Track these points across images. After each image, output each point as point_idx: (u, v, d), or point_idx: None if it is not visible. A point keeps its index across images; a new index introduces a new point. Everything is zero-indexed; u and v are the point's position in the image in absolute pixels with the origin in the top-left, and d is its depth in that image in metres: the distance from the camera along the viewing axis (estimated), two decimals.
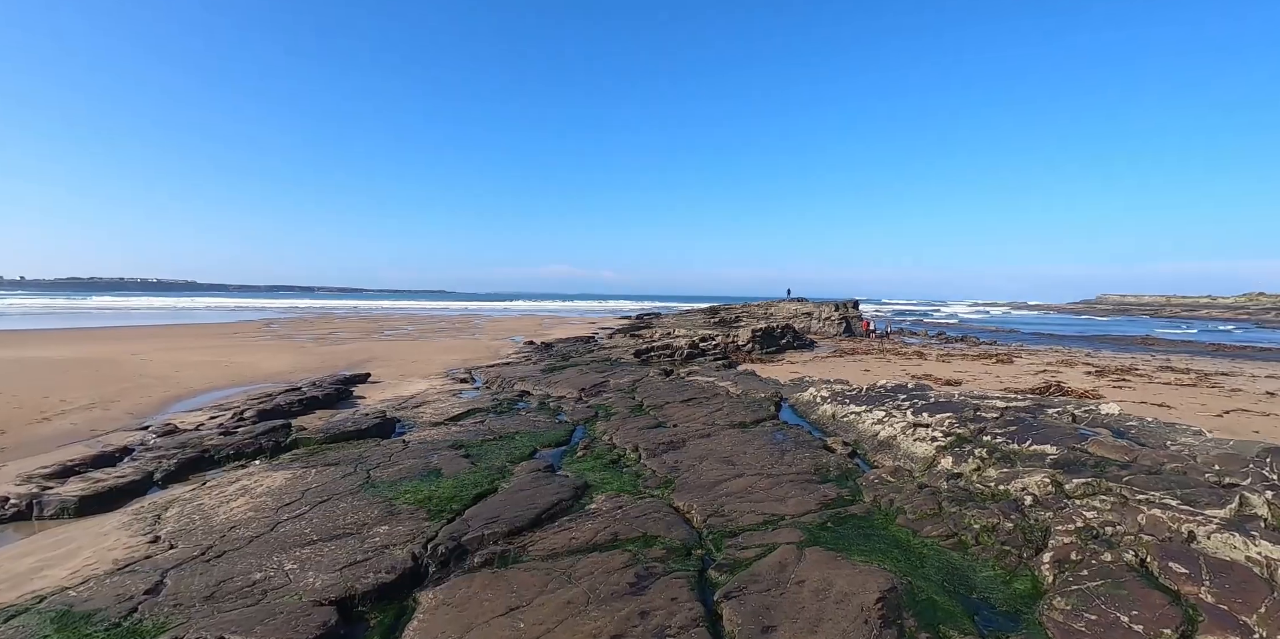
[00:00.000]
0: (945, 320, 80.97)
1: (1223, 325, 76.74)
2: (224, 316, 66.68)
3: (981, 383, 23.61)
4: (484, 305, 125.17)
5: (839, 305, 52.91)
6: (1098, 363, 31.83)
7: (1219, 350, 43.99)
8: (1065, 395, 21.14)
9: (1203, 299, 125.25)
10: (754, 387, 17.71)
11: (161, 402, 19.87)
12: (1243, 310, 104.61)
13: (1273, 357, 39.06)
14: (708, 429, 12.45)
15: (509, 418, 14.68)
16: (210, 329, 48.44)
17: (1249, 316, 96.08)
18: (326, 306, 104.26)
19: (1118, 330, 65.94)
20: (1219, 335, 60.74)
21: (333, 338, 42.48)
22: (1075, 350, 41.25)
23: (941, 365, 28.97)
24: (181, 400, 20.42)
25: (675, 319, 58.44)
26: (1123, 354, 39.79)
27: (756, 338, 34.26)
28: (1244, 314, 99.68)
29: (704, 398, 15.77)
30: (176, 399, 20.61)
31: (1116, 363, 32.12)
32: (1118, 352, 41.22)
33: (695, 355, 26.84)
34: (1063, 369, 28.29)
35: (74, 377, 23.25)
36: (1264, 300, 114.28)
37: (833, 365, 28.03)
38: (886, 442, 10.86)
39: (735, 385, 18.51)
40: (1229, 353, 42.39)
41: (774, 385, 18.30)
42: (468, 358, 31.08)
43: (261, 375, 25.25)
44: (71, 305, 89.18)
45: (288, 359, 29.83)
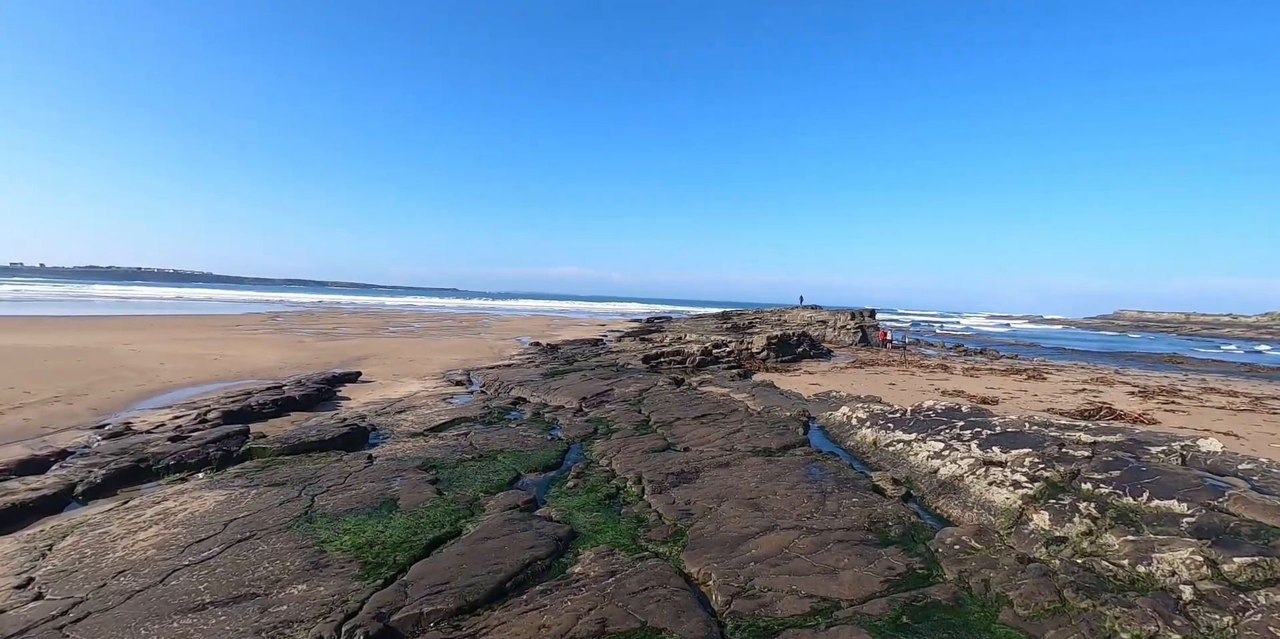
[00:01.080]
0: (961, 332, 78.23)
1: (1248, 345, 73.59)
2: (232, 308, 65.25)
3: (1019, 402, 21.33)
4: (494, 304, 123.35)
5: (855, 314, 50.63)
6: (1137, 382, 29.40)
7: (1253, 371, 41.45)
8: (1117, 419, 18.86)
9: (1224, 317, 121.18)
10: (775, 402, 15.50)
11: (132, 397, 17.99)
12: (1265, 330, 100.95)
13: None
14: (726, 456, 10.19)
15: (496, 431, 12.53)
16: (214, 320, 46.81)
17: (1272, 336, 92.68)
18: (336, 301, 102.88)
19: (1143, 347, 63.17)
20: (1249, 355, 57.85)
21: (335, 333, 40.64)
22: (1103, 367, 38.79)
23: (970, 381, 26.67)
24: (155, 396, 18.56)
25: (686, 323, 56.26)
26: (1153, 372, 37.35)
27: (772, 346, 32.04)
28: (1267, 333, 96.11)
29: (720, 414, 13.53)
30: (150, 394, 18.75)
31: (1155, 383, 29.69)
32: (1146, 369, 38.74)
33: (708, 363, 24.67)
34: (1102, 388, 25.91)
35: (50, 367, 21.47)
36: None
37: (854, 377, 25.81)
38: (950, 483, 8.52)
39: (754, 399, 16.30)
40: (1265, 374, 39.84)
41: (797, 400, 16.09)
42: (468, 358, 29.11)
43: (248, 371, 23.37)
44: (82, 293, 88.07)
45: (281, 354, 27.99)
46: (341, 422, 13.64)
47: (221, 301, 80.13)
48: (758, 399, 16.26)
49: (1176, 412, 20.70)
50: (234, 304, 75.58)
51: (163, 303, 70.65)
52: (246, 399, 17.00)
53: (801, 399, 16.52)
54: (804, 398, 16.83)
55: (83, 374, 20.88)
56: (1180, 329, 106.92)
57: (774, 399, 16.12)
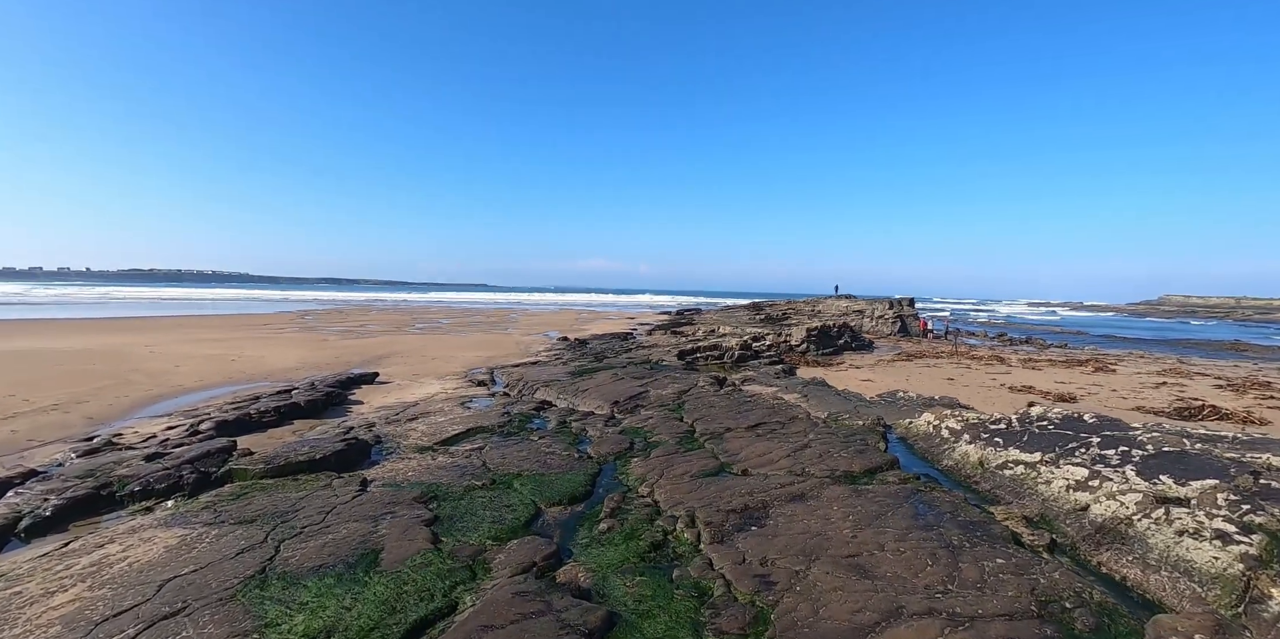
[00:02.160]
0: (1002, 320, 74.52)
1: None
2: (264, 307, 64.50)
3: (1100, 398, 18.73)
4: (522, 297, 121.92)
5: (893, 303, 47.79)
6: (1215, 373, 26.45)
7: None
8: (1223, 419, 16.23)
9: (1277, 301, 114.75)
10: (836, 405, 13.21)
11: (135, 404, 16.43)
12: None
13: None
14: (798, 483, 7.92)
15: (515, 446, 10.44)
16: (243, 320, 45.74)
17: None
18: (367, 298, 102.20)
19: (1199, 335, 59.21)
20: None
21: (361, 331, 39.16)
22: (1163, 356, 35.63)
23: (1034, 374, 24.00)
24: (161, 402, 17.02)
25: (718, 315, 53.86)
26: (1218, 361, 34.15)
27: (812, 338, 29.63)
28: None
29: (777, 423, 11.25)
30: (156, 400, 17.20)
31: (1235, 374, 26.72)
32: (1209, 358, 35.48)
33: (747, 358, 22.40)
34: (1182, 381, 23.07)
35: (60, 371, 20.13)
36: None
37: (906, 372, 23.34)
38: (1113, 528, 6.13)
39: (808, 401, 14.04)
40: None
41: (860, 403, 13.75)
42: (494, 355, 27.24)
43: (264, 372, 21.77)
44: (119, 295, 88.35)
45: (301, 354, 26.42)
46: (342, 435, 11.68)
47: (254, 301, 79.60)
48: (813, 401, 13.99)
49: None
50: (267, 303, 74.97)
51: (196, 303, 70.26)
52: (249, 405, 15.29)
53: (864, 401, 14.19)
54: (866, 399, 14.49)
55: (91, 378, 19.45)
56: (1231, 314, 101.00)
57: (833, 401, 13.84)
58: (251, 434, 13.50)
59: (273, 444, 12.82)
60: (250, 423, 13.97)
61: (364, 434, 12.66)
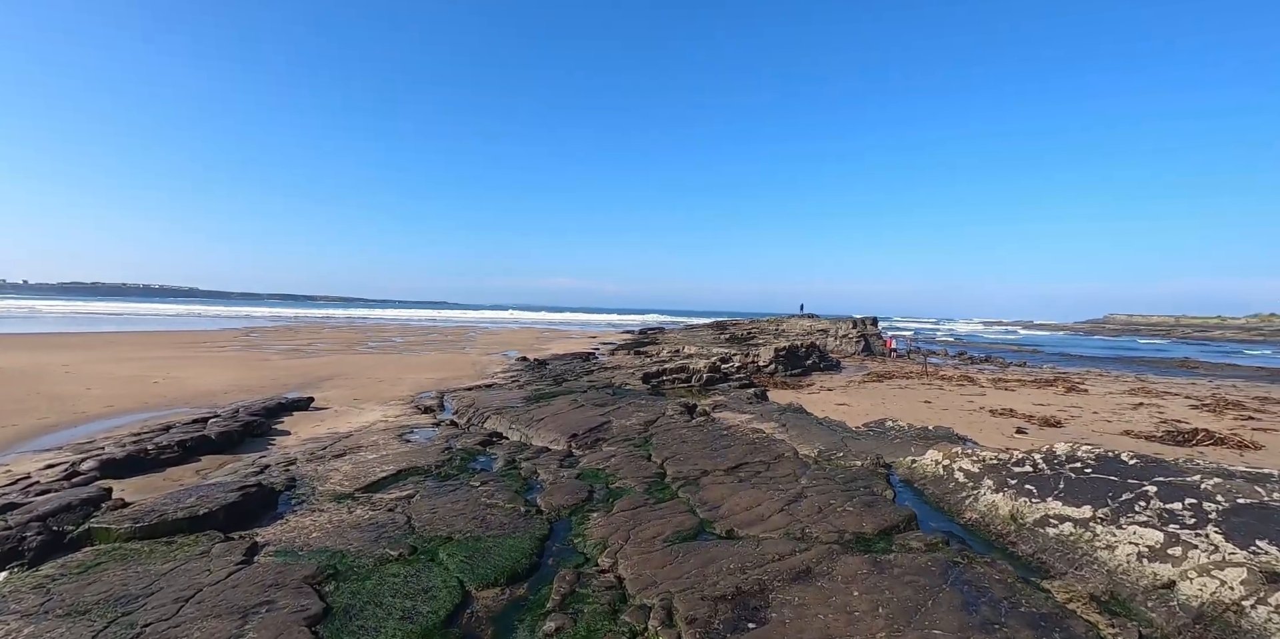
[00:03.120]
0: (961, 338, 74.81)
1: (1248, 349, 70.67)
2: (208, 324, 60.81)
3: (1084, 422, 17.64)
4: (484, 315, 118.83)
5: (856, 322, 47.12)
6: (1182, 391, 25.90)
7: (1276, 376, 38.33)
8: (1218, 444, 15.21)
9: (1213, 319, 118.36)
10: (821, 438, 11.58)
11: (20, 435, 13.98)
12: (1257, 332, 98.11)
13: None
14: (800, 551, 6.14)
15: (452, 494, 8.54)
16: (181, 337, 42.51)
17: (1264, 338, 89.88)
18: (323, 315, 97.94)
19: (1150, 353, 60.05)
20: (1258, 359, 54.76)
21: (308, 350, 36.56)
22: (1121, 373, 35.44)
23: (1009, 395, 22.98)
24: (54, 432, 14.65)
25: (681, 335, 52.43)
26: (1174, 378, 34.06)
27: (780, 358, 28.30)
28: (1259, 336, 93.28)
29: (760, 463, 9.56)
30: (48, 430, 14.80)
31: (1199, 391, 26.23)
32: (1164, 376, 35.43)
33: (716, 380, 20.81)
34: (1156, 402, 22.29)
35: None
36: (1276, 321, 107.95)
37: (881, 394, 22.07)
38: (1218, 617, 4.57)
39: (789, 431, 12.44)
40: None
41: (845, 434, 12.14)
42: (447, 376, 25.17)
43: (187, 396, 19.37)
44: (51, 309, 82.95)
45: (235, 375, 23.96)
46: (242, 481, 9.57)
47: (200, 317, 75.31)
48: (794, 432, 12.41)
49: (1270, 431, 17.10)
50: (212, 319, 70.95)
51: (134, 319, 65.91)
52: (153, 438, 13.08)
53: (850, 432, 12.63)
54: (852, 430, 12.94)
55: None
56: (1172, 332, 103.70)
57: (817, 432, 12.26)
58: (145, 475, 11.34)
59: (168, 488, 10.71)
60: (145, 461, 11.77)
61: (276, 476, 10.64)
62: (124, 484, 10.69)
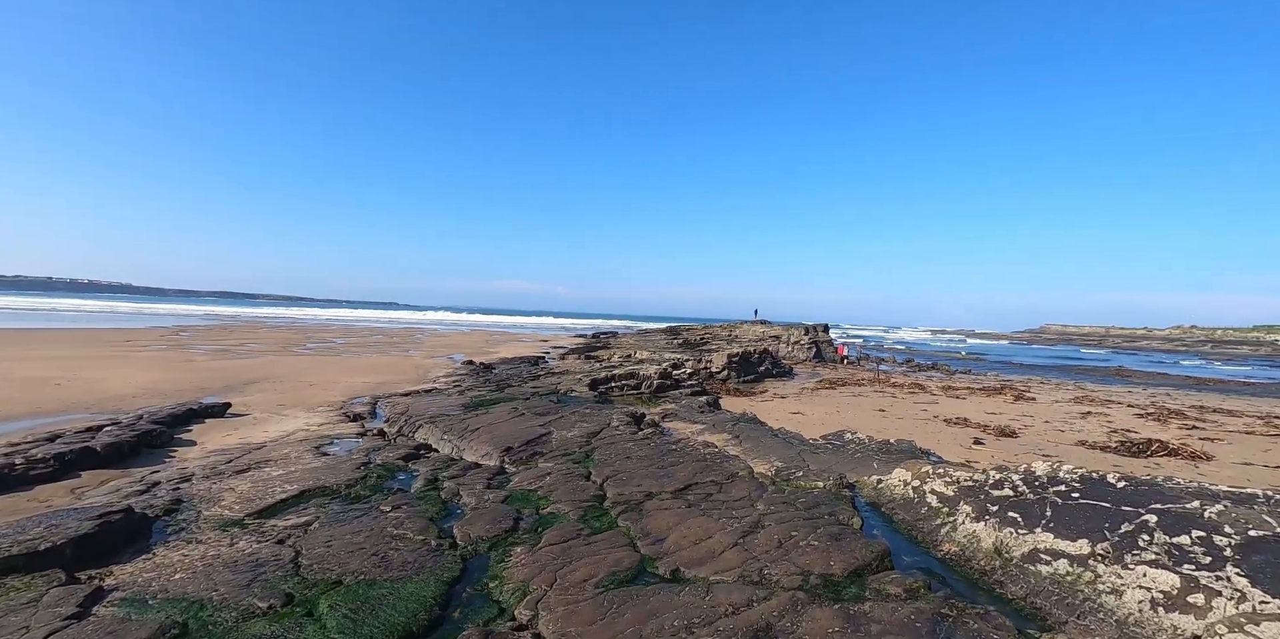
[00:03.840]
0: (903, 346, 75.83)
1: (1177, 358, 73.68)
2: (135, 321, 57.01)
3: (1036, 431, 17.31)
4: (434, 317, 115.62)
5: (809, 329, 46.94)
6: (1124, 400, 26.16)
7: (1202, 384, 39.69)
8: (1172, 455, 14.96)
9: (1139, 331, 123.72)
10: (776, 451, 10.68)
11: None
12: (1179, 342, 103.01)
13: (1264, 392, 34.74)
14: (757, 597, 5.10)
15: (356, 521, 7.26)
16: (102, 335, 39.39)
17: (1186, 349, 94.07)
18: (263, 314, 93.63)
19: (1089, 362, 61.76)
20: (1185, 368, 56.88)
21: (239, 350, 34.22)
22: (1063, 382, 36.02)
23: (960, 404, 22.68)
24: None
25: (634, 340, 51.40)
26: (1111, 386, 34.78)
27: (733, 364, 27.59)
28: (1181, 346, 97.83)
29: (711, 483, 8.62)
30: None
31: (1140, 400, 26.58)
32: (1100, 384, 36.16)
33: (667, 386, 19.88)
34: (1102, 410, 22.31)
35: None
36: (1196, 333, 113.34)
37: (833, 401, 21.49)
38: None
39: (741, 444, 11.51)
40: (1218, 387, 38.07)
41: (800, 447, 11.25)
42: (385, 381, 23.58)
43: (92, 399, 17.43)
44: None
45: (151, 377, 21.90)
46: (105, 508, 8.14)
47: (126, 314, 70.79)
48: (748, 445, 11.52)
49: (1215, 440, 17.07)
50: (141, 317, 66.70)
51: (53, 315, 61.47)
52: (29, 449, 11.38)
53: (807, 445, 11.78)
54: (809, 442, 12.08)
55: None
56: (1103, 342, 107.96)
57: (772, 445, 11.38)
58: (8, 494, 9.74)
59: (31, 510, 9.17)
60: (10, 477, 10.12)
61: (162, 496, 9.21)
62: None
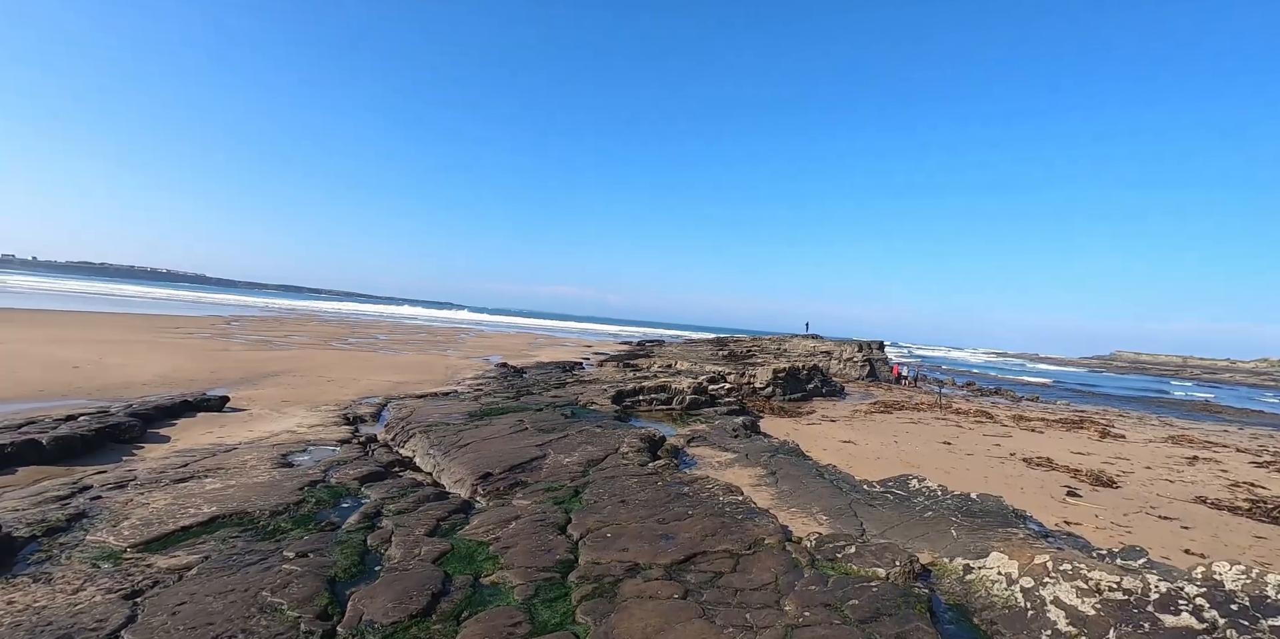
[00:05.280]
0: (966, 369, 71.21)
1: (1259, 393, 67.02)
2: (193, 309, 57.94)
3: (1140, 480, 14.25)
4: (484, 318, 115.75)
5: (863, 346, 43.60)
6: (1232, 443, 22.56)
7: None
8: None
9: (1221, 362, 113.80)
10: (819, 500, 8.30)
11: None
12: (1267, 376, 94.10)
13: None
14: None
15: (239, 573, 5.10)
16: (154, 321, 39.58)
17: (1276, 383, 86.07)
18: (319, 308, 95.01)
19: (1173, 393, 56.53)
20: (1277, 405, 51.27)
21: (280, 342, 33.59)
22: (1146, 415, 32.04)
23: (1036, 438, 19.65)
24: None
25: (679, 349, 49.18)
26: (1203, 423, 30.77)
27: (779, 380, 25.16)
28: (1269, 381, 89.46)
29: (723, 555, 6.25)
30: None
31: (1247, 442, 22.95)
32: (1188, 420, 32.05)
33: (701, 403, 17.72)
34: (1207, 454, 18.96)
35: None
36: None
37: (889, 428, 18.86)
38: None
39: (776, 486, 9.16)
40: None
41: (852, 495, 8.78)
42: (408, 380, 22.14)
43: (102, 385, 16.51)
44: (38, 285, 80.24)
45: (175, 364, 21.04)
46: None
47: (187, 302, 72.66)
48: (784, 486, 9.25)
49: None
50: (200, 305, 68.23)
51: (119, 300, 63.19)
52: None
53: (861, 492, 9.35)
54: (863, 488, 9.66)
55: None
56: (1180, 373, 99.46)
57: (815, 490, 9.02)
58: None
59: None
60: None
61: (72, 507, 7.62)
62: None
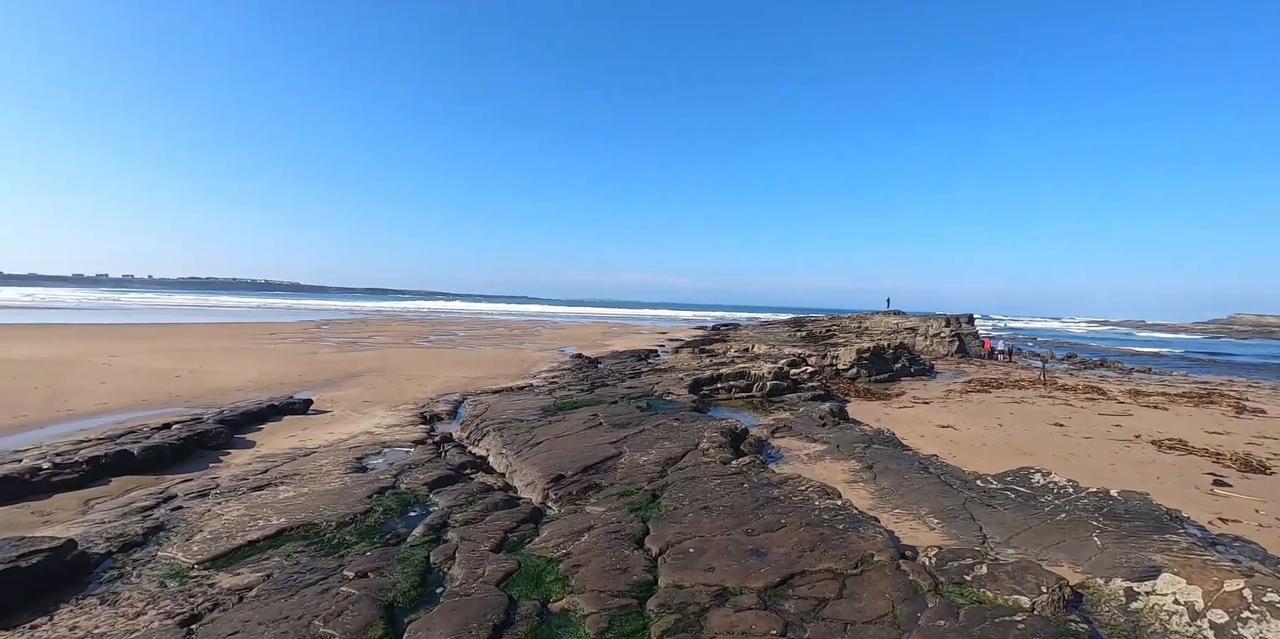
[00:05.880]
0: (1065, 340, 66.23)
1: None
2: (290, 316, 60.99)
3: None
4: (559, 310, 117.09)
5: (950, 320, 40.82)
6: None
7: None
8: None
9: None
10: (926, 497, 7.27)
11: None
12: None
13: None
14: None
15: (300, 595, 4.65)
16: (251, 329, 41.77)
17: None
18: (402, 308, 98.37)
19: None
20: None
21: (364, 343, 34.68)
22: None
23: (1160, 415, 17.48)
24: (13, 435, 12.52)
25: (754, 332, 47.79)
26: None
27: (863, 361, 23.75)
28: None
29: (825, 574, 5.33)
30: (13, 431, 12.77)
31: None
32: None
33: (783, 389, 16.72)
34: None
35: None
36: None
37: (990, 410, 17.24)
38: None
39: (875, 482, 8.14)
40: None
41: (965, 492, 7.58)
42: (483, 375, 22.17)
43: (198, 392, 17.25)
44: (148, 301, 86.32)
45: (266, 368, 21.84)
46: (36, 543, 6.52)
47: (280, 309, 76.62)
48: (885, 483, 8.24)
49: None
50: (293, 311, 71.86)
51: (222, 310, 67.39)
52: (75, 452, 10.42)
53: (974, 489, 8.16)
54: (977, 483, 8.49)
55: None
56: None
57: (921, 488, 7.92)
58: (13, 504, 8.56)
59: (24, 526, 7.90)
60: (29, 484, 9.01)
61: (157, 517, 7.57)
62: None
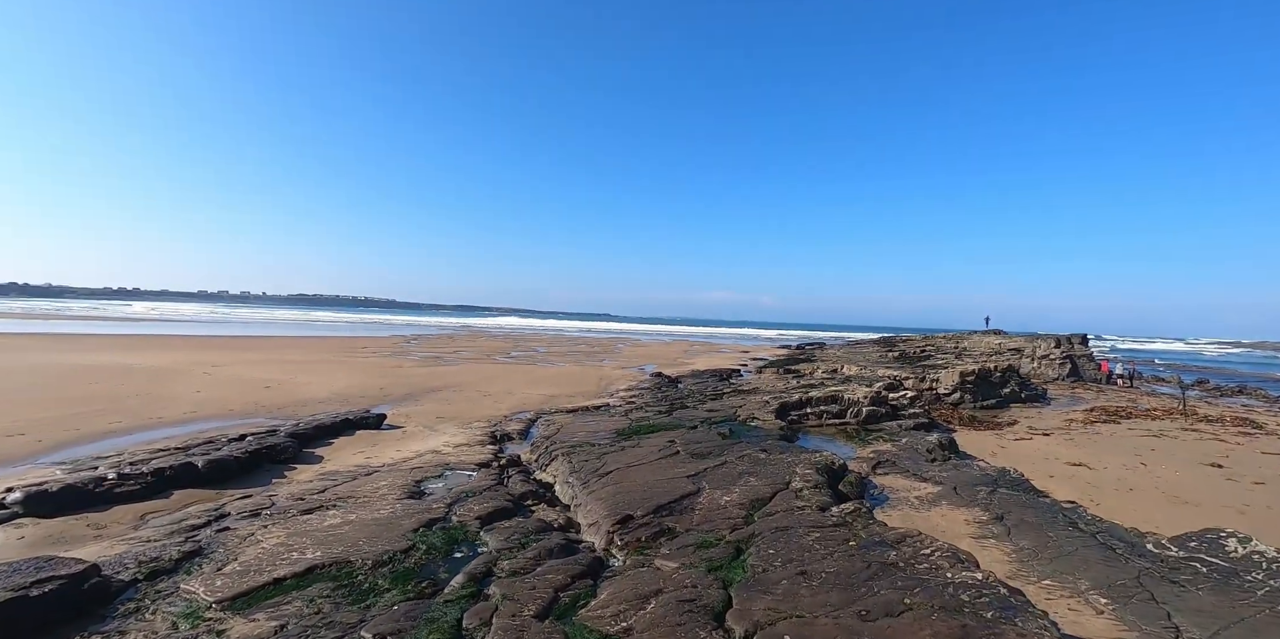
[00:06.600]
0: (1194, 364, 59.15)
1: None
2: (382, 331, 63.39)
3: None
4: (641, 328, 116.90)
5: (1060, 340, 36.97)
6: None
7: None
8: None
9: None
10: (1087, 569, 5.48)
11: (62, 442, 12.24)
12: None
13: None
14: None
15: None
16: (343, 343, 43.34)
17: None
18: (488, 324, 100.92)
19: None
20: None
21: (448, 358, 35.06)
22: None
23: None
24: (101, 440, 12.87)
25: (843, 352, 45.14)
26: None
27: (967, 385, 21.45)
28: None
29: None
30: (103, 435, 13.25)
31: None
32: None
33: (881, 416, 15.05)
34: None
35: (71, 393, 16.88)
36: None
37: (1124, 443, 14.75)
38: None
39: (1012, 541, 6.44)
40: None
41: (1136, 561, 5.92)
42: (560, 393, 21.49)
43: (285, 402, 17.51)
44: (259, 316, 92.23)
45: (351, 381, 22.08)
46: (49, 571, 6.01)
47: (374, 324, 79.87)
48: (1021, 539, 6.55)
49: None
50: (388, 326, 74.70)
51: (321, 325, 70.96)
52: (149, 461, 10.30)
53: (1144, 555, 6.40)
54: (1144, 546, 6.75)
55: (81, 402, 16.06)
56: None
57: (1073, 552, 6.18)
58: (74, 514, 8.35)
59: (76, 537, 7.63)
60: (93, 495, 8.82)
61: (190, 544, 7.01)
62: (21, 531, 7.68)
